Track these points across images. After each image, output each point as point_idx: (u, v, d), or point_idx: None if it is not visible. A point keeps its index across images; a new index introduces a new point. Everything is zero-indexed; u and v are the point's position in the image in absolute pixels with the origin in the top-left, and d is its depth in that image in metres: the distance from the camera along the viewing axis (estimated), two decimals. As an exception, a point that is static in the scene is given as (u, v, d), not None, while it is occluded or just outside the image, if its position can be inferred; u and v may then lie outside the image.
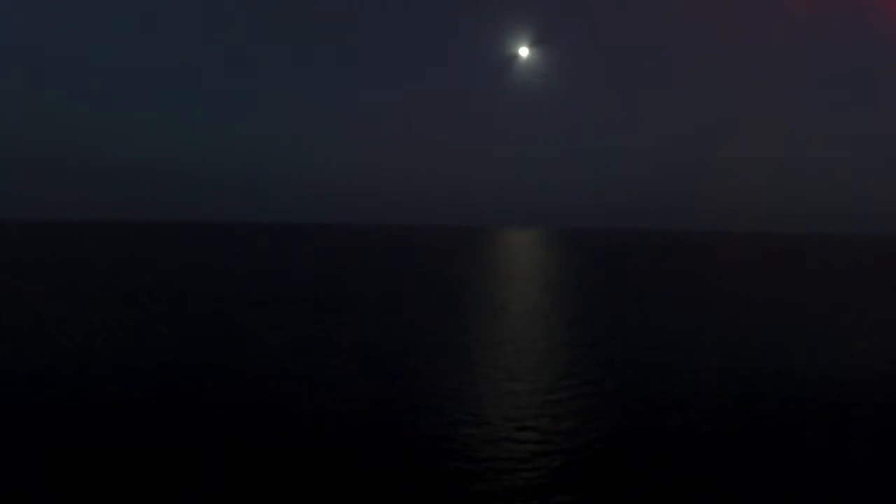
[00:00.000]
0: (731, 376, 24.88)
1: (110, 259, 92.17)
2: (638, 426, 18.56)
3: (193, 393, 21.50)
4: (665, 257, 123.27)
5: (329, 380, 23.52)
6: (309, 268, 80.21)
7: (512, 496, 13.78)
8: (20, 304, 42.93)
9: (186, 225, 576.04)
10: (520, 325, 36.61)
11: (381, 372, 24.82)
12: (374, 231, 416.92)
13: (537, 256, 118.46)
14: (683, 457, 16.17)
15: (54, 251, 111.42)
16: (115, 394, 21.25)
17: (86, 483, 14.12)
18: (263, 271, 73.42)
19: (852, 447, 17.06)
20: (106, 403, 20.12)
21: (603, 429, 18.25)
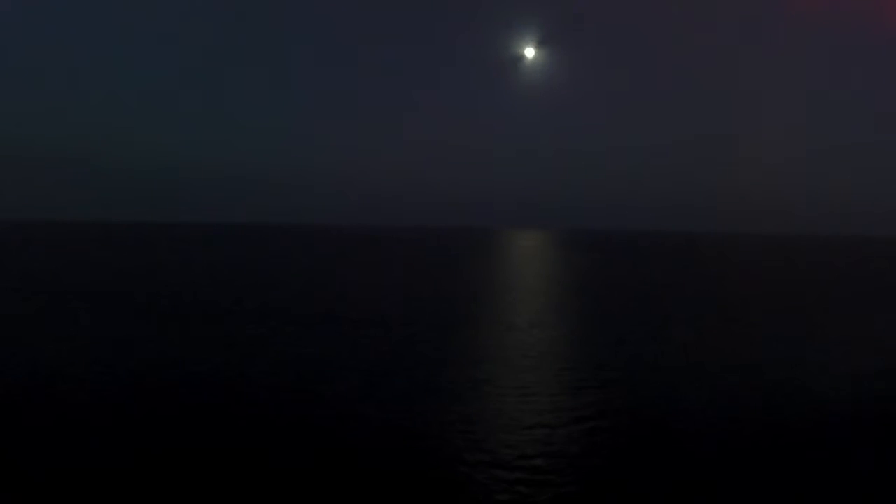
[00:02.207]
0: (750, 398, 22.98)
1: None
2: (650, 464, 16.72)
3: (190, 410, 19.73)
4: (672, 260, 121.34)
5: (322, 402, 21.70)
6: (308, 274, 78.67)
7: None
8: (18, 307, 41.37)
9: (180, 226, 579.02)
10: (528, 340, 34.82)
11: (377, 394, 23.00)
12: (374, 233, 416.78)
13: (543, 260, 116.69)
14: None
15: (47, 253, 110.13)
16: (114, 405, 19.49)
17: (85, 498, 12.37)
18: (261, 277, 71.83)
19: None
20: (104, 415, 18.36)
21: (616, 468, 16.42)
